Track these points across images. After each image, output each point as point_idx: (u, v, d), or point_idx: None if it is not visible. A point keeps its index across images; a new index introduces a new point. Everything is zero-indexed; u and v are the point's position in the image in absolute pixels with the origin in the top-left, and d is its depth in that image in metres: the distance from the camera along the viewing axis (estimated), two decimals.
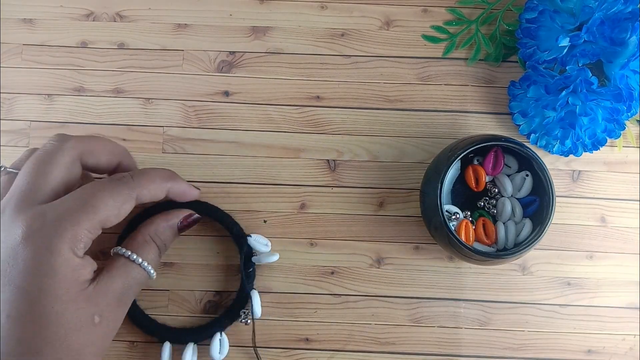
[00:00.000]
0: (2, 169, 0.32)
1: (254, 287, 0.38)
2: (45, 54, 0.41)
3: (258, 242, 0.38)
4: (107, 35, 0.41)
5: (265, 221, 0.39)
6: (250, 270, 0.38)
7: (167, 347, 0.37)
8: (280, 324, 0.39)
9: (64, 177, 0.31)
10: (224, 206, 0.38)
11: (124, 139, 0.40)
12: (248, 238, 0.38)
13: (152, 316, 0.38)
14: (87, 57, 0.41)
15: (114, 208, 0.30)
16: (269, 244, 0.38)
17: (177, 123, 0.40)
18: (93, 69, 0.41)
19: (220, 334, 0.37)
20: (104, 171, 0.35)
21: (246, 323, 0.37)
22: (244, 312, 0.37)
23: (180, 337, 0.37)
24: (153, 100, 0.41)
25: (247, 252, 0.38)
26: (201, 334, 0.37)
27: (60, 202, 0.30)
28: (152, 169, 0.34)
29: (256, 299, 0.37)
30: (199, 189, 0.37)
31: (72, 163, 0.32)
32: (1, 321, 0.28)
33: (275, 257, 0.38)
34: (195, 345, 0.37)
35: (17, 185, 0.30)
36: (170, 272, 0.39)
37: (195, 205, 0.37)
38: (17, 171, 0.32)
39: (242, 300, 0.38)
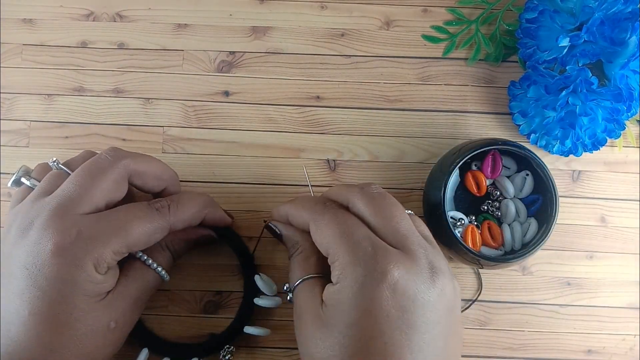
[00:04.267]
0: (55, 162, 0.33)
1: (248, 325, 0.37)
2: (45, 54, 0.41)
3: (265, 282, 0.37)
4: (107, 35, 0.41)
5: (265, 221, 0.39)
6: (250, 309, 0.37)
7: (142, 355, 0.36)
8: (280, 325, 0.39)
9: (110, 192, 0.32)
10: (224, 206, 0.38)
11: (124, 139, 0.40)
12: (256, 277, 0.37)
13: (152, 316, 0.38)
14: (87, 57, 0.41)
15: (145, 236, 0.31)
16: (274, 286, 0.37)
17: (177, 123, 0.40)
18: (93, 69, 0.41)
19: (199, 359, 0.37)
20: (148, 192, 0.35)
21: (227, 358, 0.37)
22: (228, 348, 0.37)
23: (157, 349, 0.37)
24: (153, 100, 0.41)
25: (252, 292, 0.37)
26: (180, 353, 0.37)
27: (97, 221, 0.30)
28: (191, 198, 0.35)
29: (253, 330, 0.37)
30: (232, 217, 0.37)
31: (120, 181, 0.32)
32: (24, 316, 0.29)
33: (278, 302, 0.37)
34: None
35: (62, 190, 0.31)
36: (171, 272, 0.39)
37: (219, 228, 0.37)
38: (66, 169, 0.33)
39: (232, 334, 0.37)
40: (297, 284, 0.32)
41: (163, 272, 0.34)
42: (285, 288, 0.34)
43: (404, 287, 0.28)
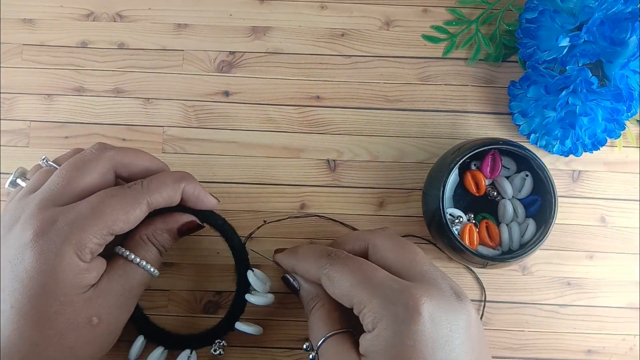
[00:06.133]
0: (44, 160, 0.34)
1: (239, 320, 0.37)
2: (45, 54, 0.41)
3: (258, 278, 0.36)
4: (107, 35, 0.41)
5: (265, 221, 0.39)
6: (242, 305, 0.36)
7: (139, 341, 0.36)
8: (280, 324, 0.39)
9: (95, 184, 0.32)
10: (224, 206, 0.38)
11: (124, 139, 0.40)
12: (248, 272, 0.36)
13: (152, 316, 0.38)
14: (87, 57, 0.41)
15: (122, 214, 0.31)
16: (268, 283, 0.36)
17: (177, 123, 0.40)
18: (93, 69, 0.41)
19: (191, 351, 0.36)
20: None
21: (219, 354, 0.36)
22: (219, 343, 0.36)
23: (153, 337, 0.37)
24: (153, 100, 0.41)
25: (244, 287, 0.36)
26: (174, 343, 0.37)
27: (73, 207, 0.30)
28: (164, 172, 0.34)
29: (244, 327, 0.36)
30: (218, 199, 0.35)
31: (105, 173, 0.32)
32: (6, 310, 0.29)
33: (270, 300, 0.36)
34: (166, 350, 0.36)
35: (48, 185, 0.31)
36: (170, 272, 0.39)
37: (204, 213, 0.35)
38: (55, 165, 0.33)
39: (224, 330, 0.36)
40: (323, 342, 0.31)
41: (149, 267, 0.33)
42: (305, 347, 0.33)
43: (439, 317, 0.28)
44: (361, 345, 0.29)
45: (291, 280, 0.34)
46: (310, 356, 0.32)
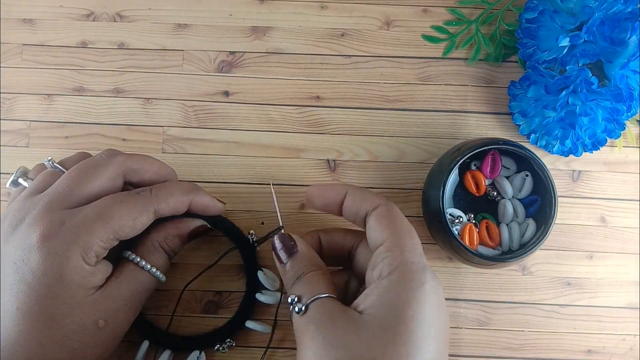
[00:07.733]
0: (50, 161, 0.34)
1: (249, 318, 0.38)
2: (45, 54, 0.41)
3: (269, 277, 0.37)
4: (107, 35, 0.41)
5: (262, 223, 0.39)
6: (252, 304, 0.38)
7: (144, 346, 0.37)
8: (280, 324, 0.39)
9: (104, 189, 0.32)
10: None
11: (124, 139, 0.40)
12: (259, 272, 0.37)
13: (152, 316, 0.38)
14: (87, 57, 0.41)
15: (129, 219, 0.31)
16: (277, 281, 0.38)
17: (177, 123, 0.40)
18: (93, 69, 0.41)
19: (200, 352, 0.37)
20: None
21: (223, 350, 0.37)
22: (229, 341, 0.37)
23: (158, 341, 0.37)
24: (153, 100, 0.41)
25: (254, 287, 0.37)
26: (181, 345, 0.37)
27: (79, 211, 0.30)
28: (173, 182, 0.34)
29: (254, 325, 0.37)
30: (224, 202, 0.36)
31: (114, 178, 0.32)
32: (12, 311, 0.29)
33: (279, 299, 0.37)
34: (172, 353, 0.37)
35: (56, 187, 0.31)
36: (170, 272, 0.39)
37: (213, 218, 0.36)
38: (62, 168, 0.33)
39: (233, 329, 0.37)
40: (320, 298, 0.30)
41: (158, 273, 0.34)
42: (291, 299, 0.30)
43: (437, 295, 0.29)
44: (365, 293, 0.29)
45: (292, 241, 0.33)
46: (297, 308, 0.30)
